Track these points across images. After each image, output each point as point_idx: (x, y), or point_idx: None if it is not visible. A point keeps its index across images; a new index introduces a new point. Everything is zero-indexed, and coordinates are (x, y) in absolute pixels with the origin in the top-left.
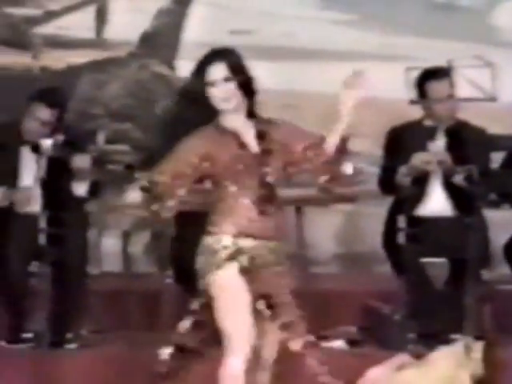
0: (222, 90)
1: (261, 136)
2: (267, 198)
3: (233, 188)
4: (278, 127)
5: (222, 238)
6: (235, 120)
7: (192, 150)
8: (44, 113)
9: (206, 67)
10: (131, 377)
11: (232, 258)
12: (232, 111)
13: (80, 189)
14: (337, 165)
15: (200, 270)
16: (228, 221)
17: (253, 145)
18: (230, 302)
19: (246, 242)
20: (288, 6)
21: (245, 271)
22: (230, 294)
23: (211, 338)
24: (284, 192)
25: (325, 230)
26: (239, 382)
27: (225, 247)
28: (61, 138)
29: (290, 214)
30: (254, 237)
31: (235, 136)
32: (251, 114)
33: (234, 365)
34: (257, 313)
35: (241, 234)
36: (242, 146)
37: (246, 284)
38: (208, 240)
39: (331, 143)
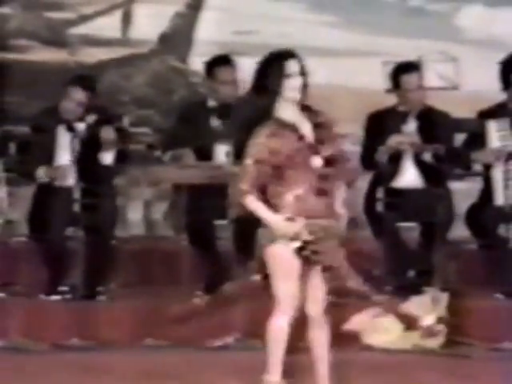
0: (297, 82)
1: (318, 126)
2: (321, 183)
3: (292, 174)
4: (331, 120)
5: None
6: (293, 111)
7: (263, 149)
8: (79, 94)
9: (281, 62)
10: (153, 324)
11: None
12: (293, 102)
13: (107, 158)
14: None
15: (259, 242)
16: (285, 203)
17: (309, 135)
18: (281, 270)
19: (300, 221)
20: (284, 10)
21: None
22: (282, 263)
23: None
24: None
25: None
26: (284, 335)
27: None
28: (93, 117)
29: None
30: (307, 216)
31: (294, 129)
32: (303, 107)
33: (280, 321)
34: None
35: (295, 214)
36: (301, 138)
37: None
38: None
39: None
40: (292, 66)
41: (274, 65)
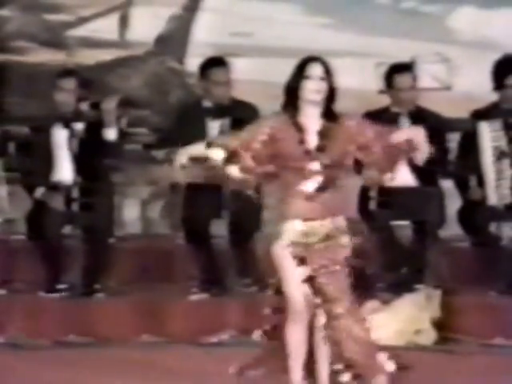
0: (316, 84)
1: (322, 133)
2: (318, 187)
3: (286, 176)
4: (350, 118)
5: (276, 219)
6: (310, 115)
7: (263, 128)
8: (65, 81)
9: (305, 64)
10: (149, 320)
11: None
12: (313, 105)
13: (110, 134)
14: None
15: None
16: (282, 204)
17: (311, 141)
18: (285, 270)
19: (294, 224)
20: (280, 13)
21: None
22: (283, 263)
23: None
24: None
25: None
26: (301, 345)
27: (277, 226)
28: (85, 105)
29: None
30: (301, 219)
31: (300, 130)
32: (327, 116)
33: (294, 332)
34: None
35: (290, 217)
36: (302, 142)
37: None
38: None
39: (399, 136)
40: (313, 69)
41: (297, 66)
